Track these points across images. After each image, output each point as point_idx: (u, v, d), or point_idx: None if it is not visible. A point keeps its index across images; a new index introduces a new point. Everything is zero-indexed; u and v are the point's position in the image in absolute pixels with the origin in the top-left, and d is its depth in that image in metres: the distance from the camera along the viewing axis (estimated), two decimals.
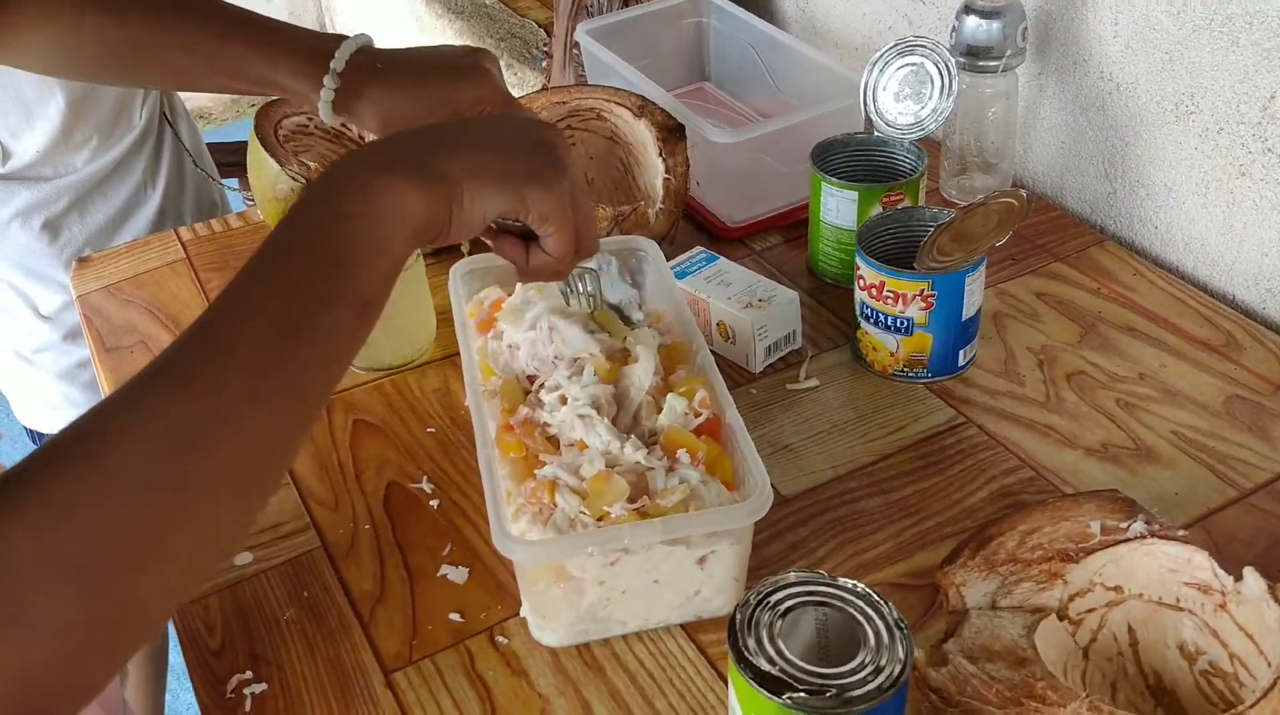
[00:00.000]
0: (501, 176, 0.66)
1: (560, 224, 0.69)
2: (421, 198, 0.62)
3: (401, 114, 0.84)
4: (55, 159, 1.28)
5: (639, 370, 0.85)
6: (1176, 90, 1.08)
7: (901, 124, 1.12)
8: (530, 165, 0.67)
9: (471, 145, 0.66)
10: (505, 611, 0.83)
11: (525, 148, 0.68)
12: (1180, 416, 0.95)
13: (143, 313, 1.18)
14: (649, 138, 1.16)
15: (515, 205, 0.67)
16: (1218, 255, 1.10)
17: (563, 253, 0.71)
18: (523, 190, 0.66)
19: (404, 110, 0.84)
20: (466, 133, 0.68)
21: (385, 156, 0.64)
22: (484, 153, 0.66)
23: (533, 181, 0.67)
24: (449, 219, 0.64)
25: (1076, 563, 0.73)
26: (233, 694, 0.80)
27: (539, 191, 0.67)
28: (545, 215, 0.68)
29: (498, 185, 0.65)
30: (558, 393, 0.84)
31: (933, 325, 0.97)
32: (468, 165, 0.64)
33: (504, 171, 0.66)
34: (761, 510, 0.75)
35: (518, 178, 0.66)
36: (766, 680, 0.60)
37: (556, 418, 0.82)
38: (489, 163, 0.66)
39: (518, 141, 0.68)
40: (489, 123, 0.71)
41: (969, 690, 0.67)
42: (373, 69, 0.84)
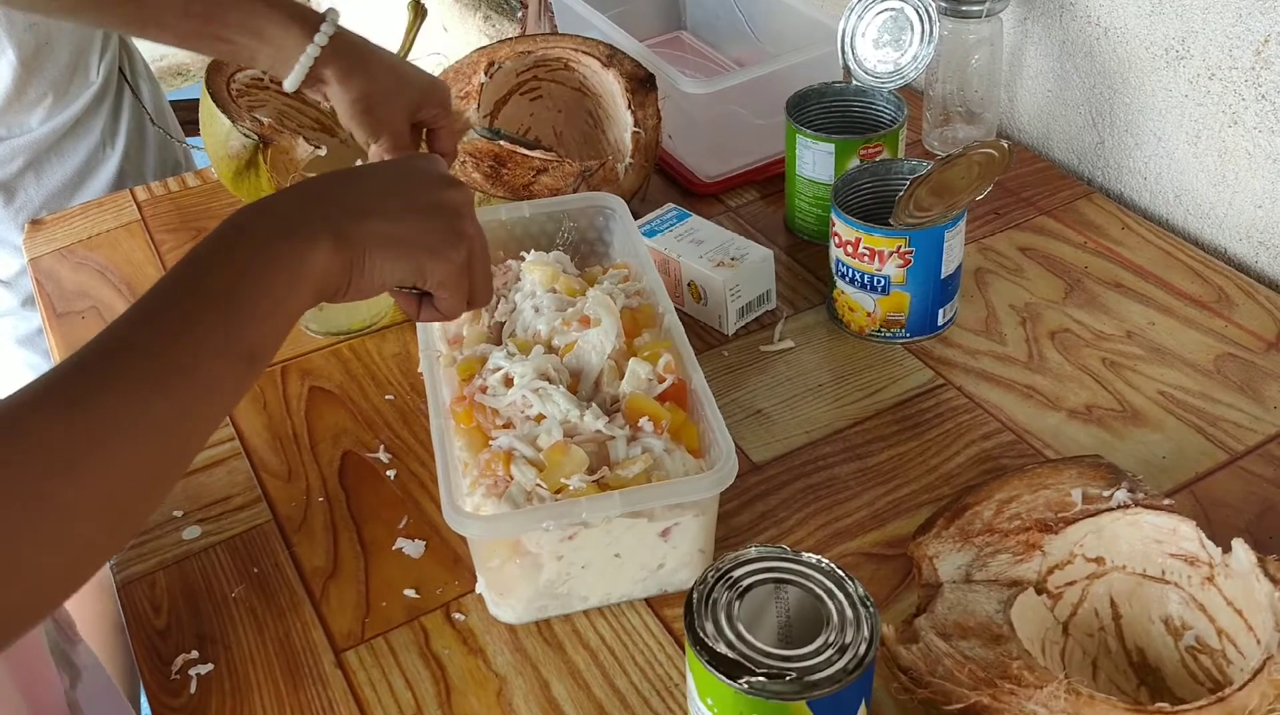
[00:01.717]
0: (403, 246, 0.66)
1: (454, 290, 0.70)
2: (323, 259, 0.62)
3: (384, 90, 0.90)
4: (8, 118, 1.23)
5: (599, 335, 0.81)
6: (1167, 35, 1.04)
7: (881, 72, 1.08)
8: (431, 235, 0.67)
9: (376, 208, 0.66)
10: (462, 587, 0.80)
11: (430, 213, 0.68)
12: (1169, 376, 0.91)
13: (95, 276, 1.14)
14: (618, 89, 1.11)
15: (414, 275, 0.67)
16: (1209, 207, 1.06)
17: (455, 311, 0.72)
18: (422, 260, 0.67)
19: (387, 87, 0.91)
20: (371, 191, 0.67)
21: (292, 212, 0.63)
22: (388, 220, 0.66)
23: (432, 253, 0.67)
24: (348, 283, 0.64)
25: (1056, 533, 0.70)
26: (178, 675, 0.77)
27: (437, 263, 0.67)
28: (441, 283, 0.69)
29: (398, 254, 0.65)
30: (500, 374, 0.79)
31: (911, 283, 0.93)
32: (371, 232, 0.64)
33: (406, 241, 0.66)
34: (726, 481, 0.72)
35: (418, 248, 0.66)
36: (723, 664, 0.57)
37: (502, 402, 0.78)
38: (391, 230, 0.65)
39: (422, 205, 0.68)
40: (395, 179, 0.70)
41: (940, 670, 0.63)
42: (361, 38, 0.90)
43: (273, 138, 1.07)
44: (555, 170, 1.05)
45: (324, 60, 0.89)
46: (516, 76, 1.16)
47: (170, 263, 1.14)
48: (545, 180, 1.05)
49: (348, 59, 0.90)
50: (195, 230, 1.18)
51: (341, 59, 0.89)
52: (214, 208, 1.21)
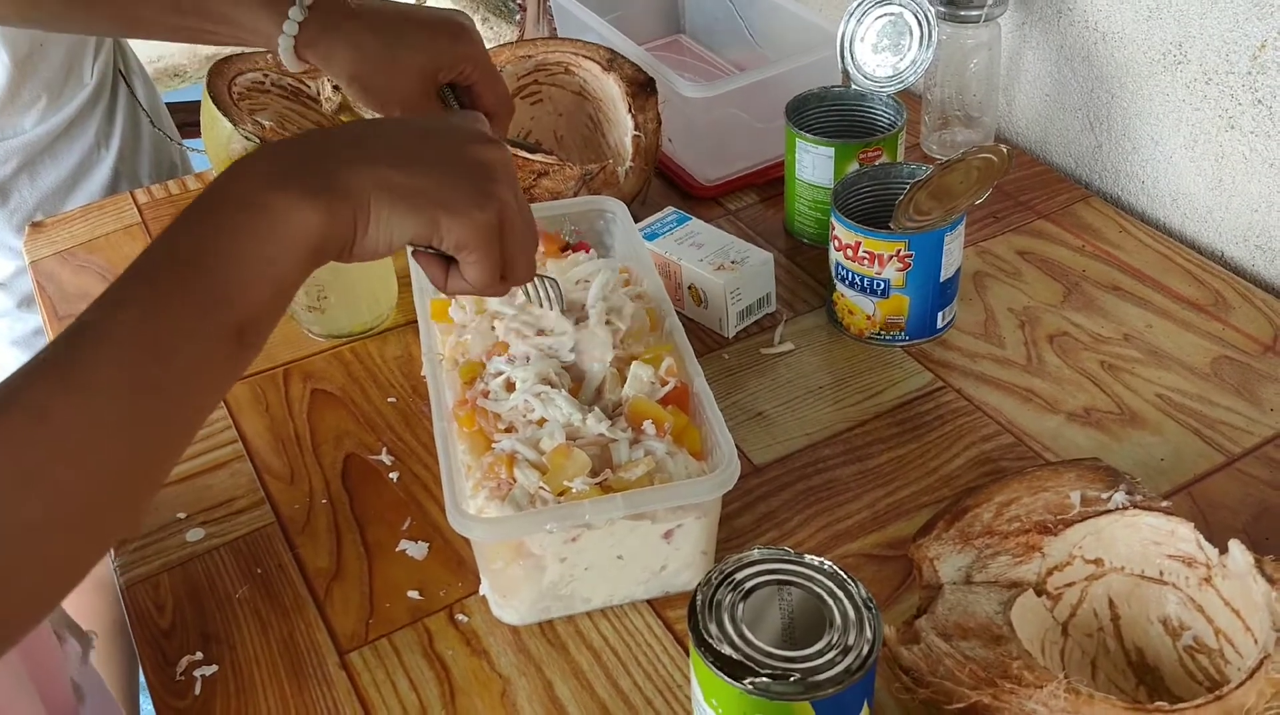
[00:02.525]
0: (415, 197, 0.58)
1: (482, 254, 0.61)
2: (319, 216, 0.54)
3: (376, 63, 0.76)
4: (1, 120, 1.23)
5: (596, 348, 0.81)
6: (1164, 39, 1.04)
7: (880, 76, 1.09)
8: (451, 188, 0.59)
9: (385, 157, 0.58)
10: (466, 589, 0.80)
11: (451, 165, 0.60)
12: (1166, 379, 0.92)
13: (97, 279, 1.14)
14: (618, 93, 1.12)
15: (428, 231, 0.59)
16: (1206, 211, 1.07)
17: (483, 283, 0.63)
18: (436, 215, 0.59)
19: (380, 58, 0.76)
20: (382, 140, 0.59)
21: (282, 164, 0.56)
22: (399, 168, 0.58)
23: (449, 208, 0.59)
24: (352, 240, 0.57)
25: (1055, 535, 0.70)
26: (183, 676, 0.77)
27: (455, 219, 0.59)
28: (462, 243, 0.60)
29: (409, 206, 0.57)
30: (502, 378, 0.80)
31: (910, 286, 0.94)
32: (377, 181, 0.57)
33: (419, 192, 0.58)
34: (728, 483, 0.72)
35: (432, 202, 0.58)
36: (728, 665, 0.58)
37: (504, 407, 0.78)
38: (402, 180, 0.57)
39: (444, 157, 0.60)
40: (413, 130, 0.61)
41: (941, 670, 0.64)
42: (346, 9, 0.76)
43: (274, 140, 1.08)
44: (556, 174, 1.06)
45: (304, 43, 0.78)
46: (517, 80, 1.16)
47: None
48: (546, 184, 1.06)
49: (330, 37, 0.78)
50: None
51: (323, 38, 0.78)
52: None
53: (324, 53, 0.78)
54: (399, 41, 0.78)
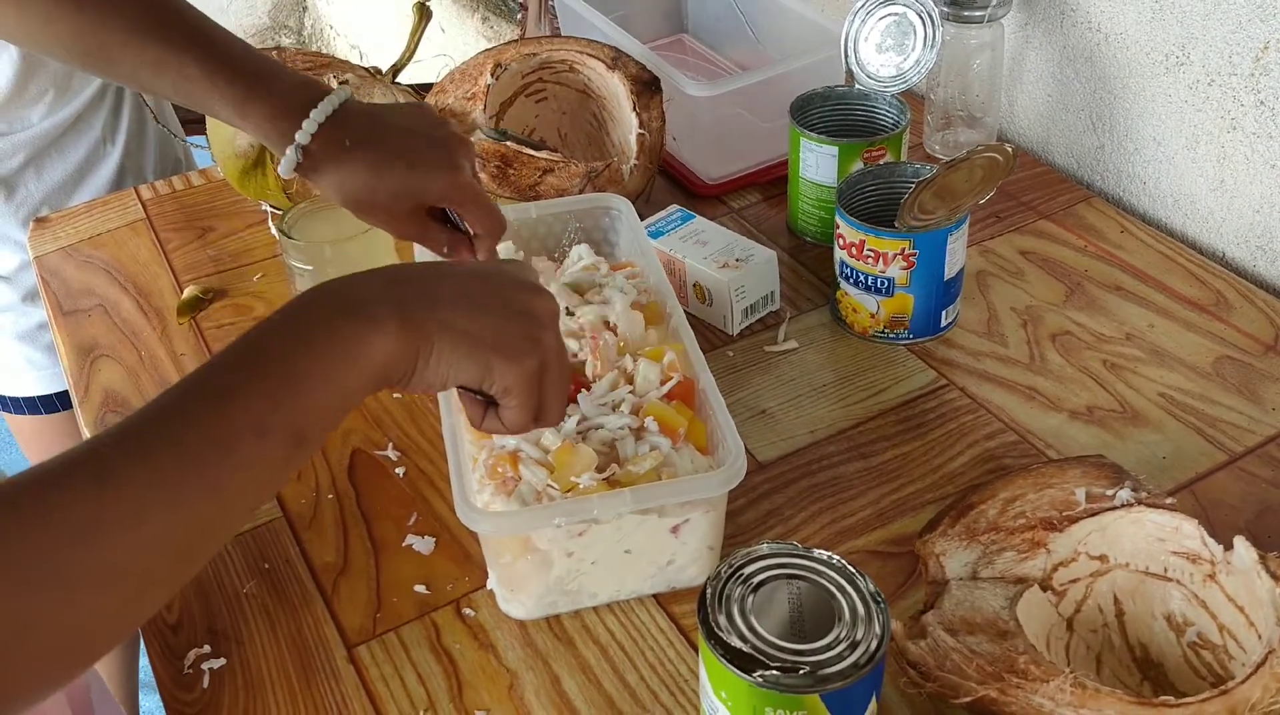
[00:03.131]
0: (473, 342, 0.62)
1: (521, 400, 0.65)
2: (387, 343, 0.59)
3: (361, 193, 0.81)
4: (9, 114, 1.23)
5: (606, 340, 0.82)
6: (1166, 41, 1.05)
7: (883, 76, 1.09)
8: (504, 336, 0.63)
9: (451, 301, 0.62)
10: (472, 583, 0.81)
11: (506, 314, 0.64)
12: (1168, 378, 0.93)
13: (101, 274, 1.14)
14: (622, 91, 1.12)
15: (480, 376, 0.63)
16: (1207, 212, 1.07)
17: (518, 427, 0.67)
18: (490, 361, 0.63)
19: (364, 190, 0.80)
20: (450, 284, 0.64)
21: (363, 292, 0.61)
22: (462, 313, 0.62)
23: (502, 355, 0.63)
24: (412, 372, 0.61)
25: (1060, 531, 0.71)
26: (190, 669, 0.77)
27: (506, 366, 0.63)
28: (507, 389, 0.64)
29: (467, 350, 0.62)
30: None
31: (914, 285, 0.94)
32: (442, 322, 0.61)
33: (476, 337, 0.62)
34: (735, 478, 0.73)
35: (488, 348, 0.63)
36: (737, 658, 0.58)
37: None
38: (464, 324, 0.62)
39: (500, 305, 0.64)
40: (478, 277, 0.66)
41: (949, 664, 0.64)
42: (340, 145, 0.80)
43: None
44: (561, 171, 1.06)
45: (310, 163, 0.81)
46: (522, 78, 1.17)
47: (175, 261, 1.14)
48: (551, 181, 1.06)
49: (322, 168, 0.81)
50: (200, 229, 1.18)
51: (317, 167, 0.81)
52: (219, 207, 1.21)
53: (317, 182, 0.82)
54: (385, 176, 0.81)
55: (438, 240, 0.84)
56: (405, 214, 0.82)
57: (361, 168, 0.80)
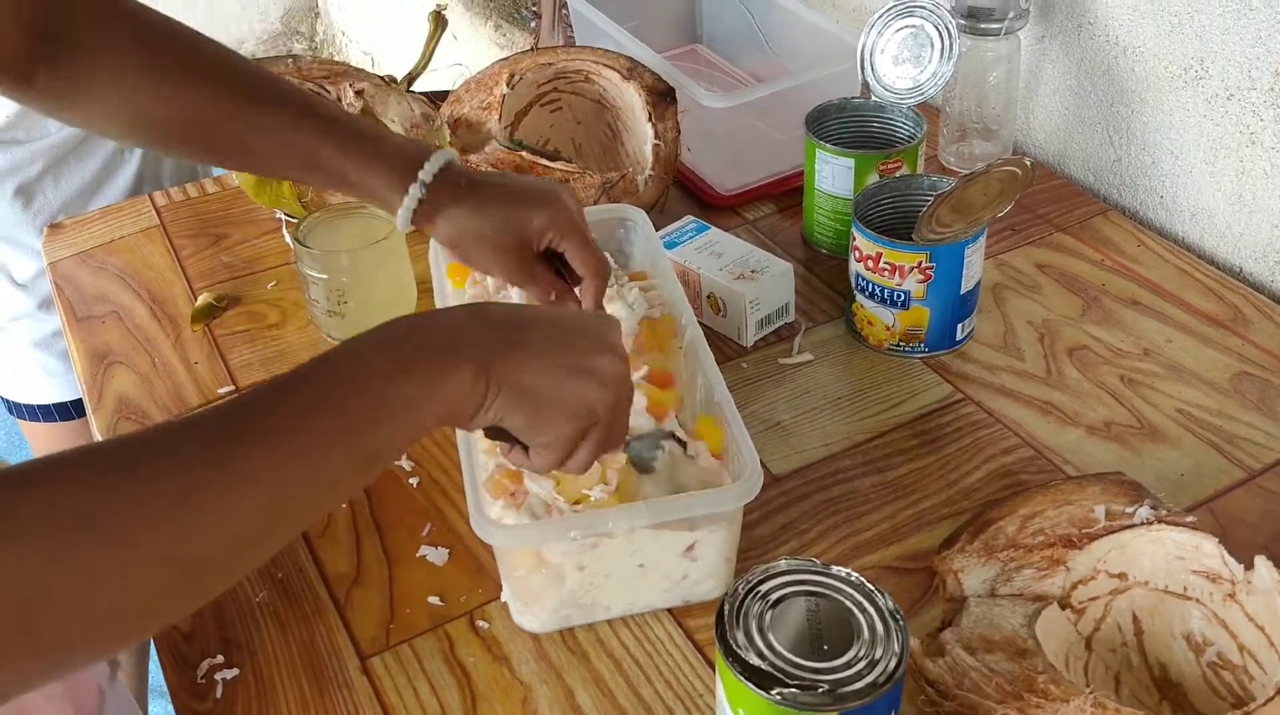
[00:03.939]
0: (533, 398, 0.64)
1: (553, 454, 0.67)
2: (462, 385, 0.61)
3: (473, 232, 0.84)
4: (27, 123, 1.23)
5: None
6: (1185, 54, 1.05)
7: (900, 88, 1.09)
8: (563, 397, 0.65)
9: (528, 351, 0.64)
10: (486, 595, 0.80)
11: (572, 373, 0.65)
12: (1186, 394, 0.92)
13: (115, 281, 1.14)
14: (638, 102, 1.12)
15: (530, 430, 0.65)
16: (1225, 226, 1.07)
17: (541, 469, 0.69)
18: (544, 419, 0.65)
19: (475, 229, 0.83)
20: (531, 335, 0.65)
21: (451, 331, 0.63)
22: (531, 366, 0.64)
23: (558, 413, 0.65)
24: (478, 415, 0.63)
25: (1080, 549, 0.70)
26: (203, 679, 0.77)
27: (557, 424, 0.65)
28: (547, 444, 0.66)
29: (526, 406, 0.64)
30: None
31: (931, 298, 0.94)
32: (515, 375, 0.63)
33: (537, 394, 0.64)
34: (751, 492, 0.72)
35: (543, 404, 0.64)
36: (755, 675, 0.58)
37: None
38: (531, 379, 0.64)
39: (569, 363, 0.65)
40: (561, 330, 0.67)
41: (967, 683, 0.64)
42: (455, 186, 0.83)
43: None
44: (577, 182, 1.06)
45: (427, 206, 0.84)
46: (537, 88, 1.17)
47: (189, 268, 1.14)
48: None
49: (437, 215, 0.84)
50: (214, 236, 1.18)
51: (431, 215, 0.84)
52: (233, 214, 1.21)
53: (431, 226, 0.85)
54: (491, 212, 0.84)
55: (545, 286, 0.85)
56: (511, 251, 0.84)
57: (472, 206, 0.83)
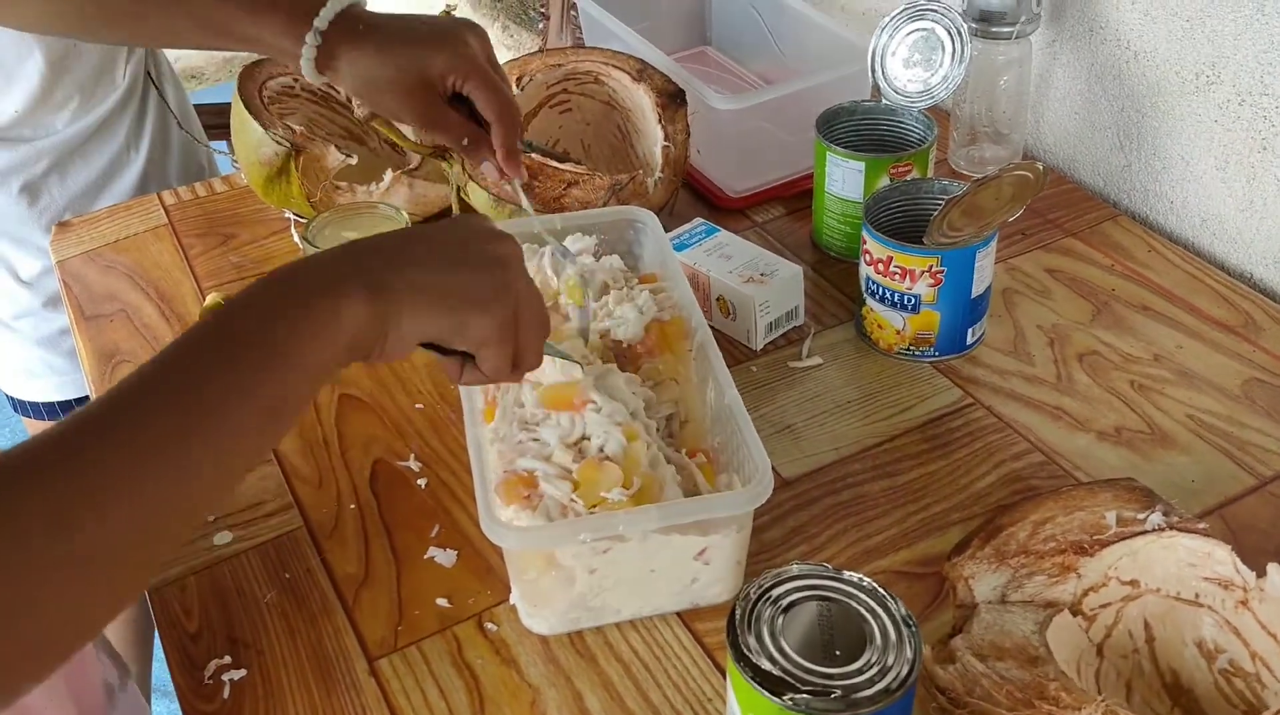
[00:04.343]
0: (442, 297, 0.63)
1: (497, 348, 0.66)
2: (356, 310, 0.59)
3: (374, 76, 0.82)
4: (34, 120, 1.23)
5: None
6: (1197, 59, 1.04)
7: (911, 91, 1.08)
8: (473, 287, 0.64)
9: (416, 261, 0.63)
10: (494, 597, 0.80)
11: (472, 265, 0.65)
12: (1197, 400, 0.92)
13: (124, 279, 1.14)
14: (648, 103, 1.12)
15: (454, 330, 0.64)
16: (1236, 232, 1.06)
17: (497, 375, 0.68)
18: (462, 313, 0.63)
19: (376, 72, 0.82)
20: (413, 248, 0.64)
21: (330, 267, 0.61)
22: (427, 271, 0.63)
23: (473, 305, 0.64)
24: (384, 337, 0.61)
25: (1091, 556, 0.70)
26: (211, 680, 0.77)
27: (479, 316, 0.64)
28: (483, 340, 0.65)
29: (437, 306, 0.62)
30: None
31: (941, 302, 0.94)
32: (409, 282, 0.61)
33: (445, 291, 0.63)
34: (762, 496, 0.72)
35: (458, 300, 0.63)
36: (767, 680, 0.57)
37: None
38: (430, 281, 0.62)
39: (465, 257, 0.65)
40: (440, 235, 0.67)
41: (978, 691, 0.63)
42: (353, 30, 0.82)
43: (305, 145, 1.08)
44: (586, 183, 1.06)
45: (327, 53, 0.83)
46: (547, 89, 1.17)
47: (197, 267, 1.14)
48: (576, 193, 1.06)
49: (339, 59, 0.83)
50: (223, 235, 1.18)
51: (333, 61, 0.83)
52: (242, 213, 1.21)
53: (335, 73, 0.84)
54: (394, 56, 0.82)
55: (454, 129, 0.84)
56: (417, 95, 0.82)
57: (371, 48, 0.82)
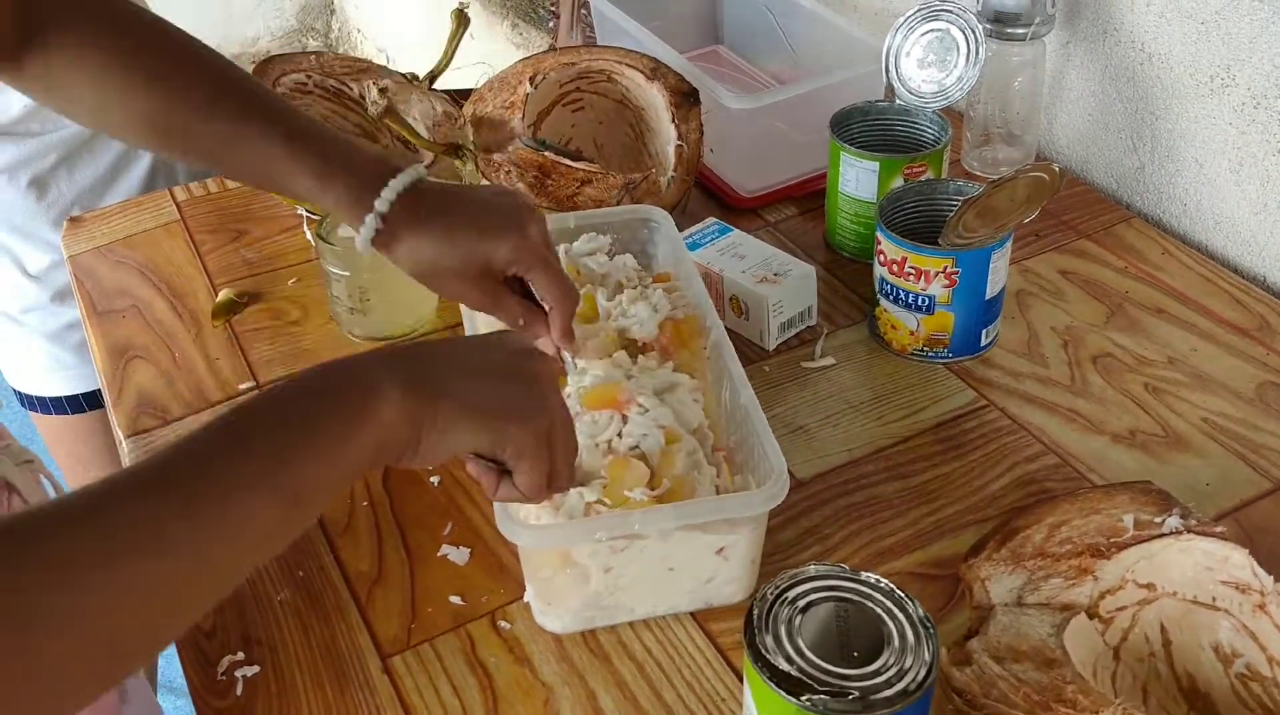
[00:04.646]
0: (480, 408, 0.63)
1: (533, 462, 0.66)
2: (389, 410, 0.59)
3: (437, 264, 0.81)
4: (42, 115, 1.23)
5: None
6: (1212, 62, 1.04)
7: (925, 92, 1.08)
8: (510, 399, 0.65)
9: (455, 371, 0.63)
10: (508, 595, 0.80)
11: (509, 377, 0.65)
12: (1211, 403, 0.92)
13: (135, 275, 1.14)
14: (661, 102, 1.12)
15: (491, 441, 0.64)
16: (1249, 235, 1.06)
17: (534, 489, 0.67)
18: (499, 425, 0.64)
19: (441, 262, 0.80)
20: (451, 356, 0.65)
21: (367, 364, 0.61)
22: (465, 378, 0.63)
23: (510, 417, 0.64)
24: (417, 441, 0.61)
25: (1108, 558, 0.70)
26: (224, 676, 0.77)
27: (516, 428, 0.64)
28: (519, 452, 0.65)
29: (475, 417, 0.63)
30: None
31: (955, 303, 0.94)
32: (445, 389, 0.62)
33: (483, 403, 0.63)
34: (778, 496, 0.72)
35: (496, 412, 0.64)
36: (785, 681, 0.57)
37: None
38: (468, 389, 0.63)
39: (502, 371, 0.65)
40: (477, 347, 0.68)
41: (995, 693, 0.63)
42: (416, 213, 0.80)
43: None
44: (599, 182, 1.06)
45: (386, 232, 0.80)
46: (560, 87, 1.16)
47: (209, 264, 1.14)
48: (589, 192, 1.06)
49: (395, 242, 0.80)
50: (234, 232, 1.18)
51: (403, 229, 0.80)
52: (254, 209, 1.21)
53: (391, 252, 0.82)
54: (455, 243, 0.81)
55: (512, 311, 0.83)
56: (476, 281, 0.81)
57: (434, 235, 0.80)
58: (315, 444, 0.56)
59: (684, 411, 0.80)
